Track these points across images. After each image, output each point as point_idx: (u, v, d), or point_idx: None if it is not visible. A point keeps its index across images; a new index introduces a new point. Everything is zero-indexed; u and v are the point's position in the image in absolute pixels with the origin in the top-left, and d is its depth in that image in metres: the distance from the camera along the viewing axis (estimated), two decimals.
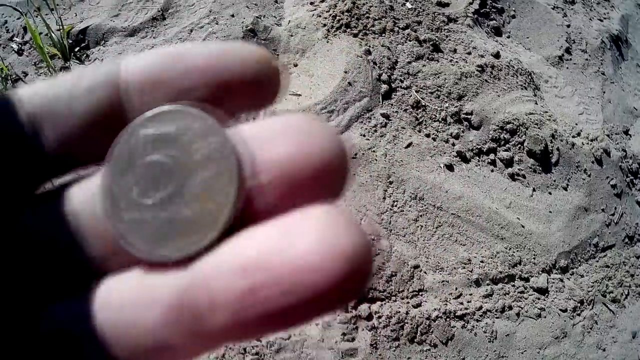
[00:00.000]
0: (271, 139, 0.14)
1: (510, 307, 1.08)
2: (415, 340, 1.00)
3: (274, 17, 1.34)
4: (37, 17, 1.36)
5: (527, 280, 1.12)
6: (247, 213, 0.13)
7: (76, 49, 1.33)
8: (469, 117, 1.22)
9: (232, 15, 1.31)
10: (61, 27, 1.30)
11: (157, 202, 0.14)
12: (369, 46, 1.24)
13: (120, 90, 0.15)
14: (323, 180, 0.13)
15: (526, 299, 1.11)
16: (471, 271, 1.09)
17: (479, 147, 1.21)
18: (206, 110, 0.14)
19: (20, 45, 1.37)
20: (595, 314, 1.16)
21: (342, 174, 0.14)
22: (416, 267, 1.05)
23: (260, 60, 0.14)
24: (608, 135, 1.36)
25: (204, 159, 0.14)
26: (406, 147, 1.17)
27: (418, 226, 1.10)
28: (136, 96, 0.15)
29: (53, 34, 1.27)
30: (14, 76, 1.28)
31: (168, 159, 0.14)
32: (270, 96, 0.15)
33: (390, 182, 1.12)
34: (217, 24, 1.30)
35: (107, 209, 0.14)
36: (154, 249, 0.13)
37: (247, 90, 0.14)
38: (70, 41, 1.33)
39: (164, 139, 0.14)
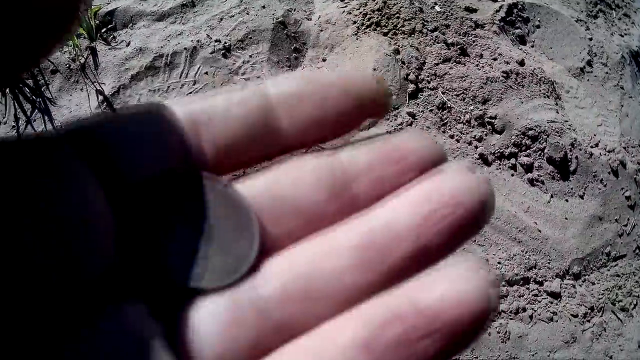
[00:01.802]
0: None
1: (524, 310, 1.10)
2: None
3: (304, 11, 1.35)
4: None
5: (541, 284, 1.14)
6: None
7: (103, 30, 1.33)
8: (493, 121, 1.24)
9: (263, 7, 1.32)
10: (88, 7, 1.30)
11: (191, 249, 0.15)
12: (398, 46, 1.25)
13: (269, 103, 0.16)
14: None
15: (539, 302, 1.12)
16: (488, 272, 1.10)
17: (500, 151, 1.23)
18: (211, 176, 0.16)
19: None
20: (605, 322, 1.18)
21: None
22: None
23: (379, 81, 0.17)
24: (625, 148, 1.39)
25: (224, 221, 0.15)
26: None
27: None
28: (284, 110, 0.16)
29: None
30: None
31: (194, 224, 0.15)
32: (381, 112, 0.17)
33: None
34: (247, 14, 1.31)
35: (157, 253, 0.15)
36: (192, 282, 0.15)
37: (366, 107, 0.17)
38: (97, 22, 1.33)
39: (193, 208, 0.16)
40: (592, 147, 1.33)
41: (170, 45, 1.28)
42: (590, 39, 1.50)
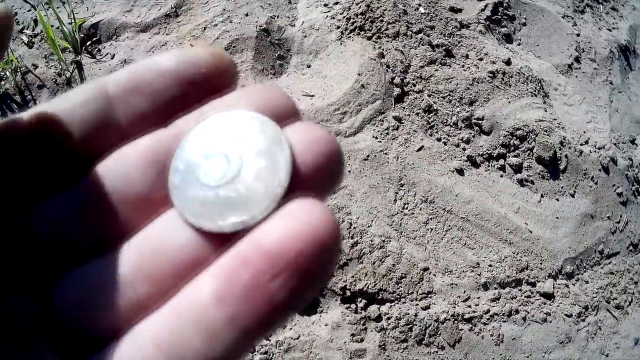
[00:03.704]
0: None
1: (517, 311, 1.09)
2: (423, 342, 1.00)
3: (288, 17, 1.35)
4: (48, 9, 1.35)
5: (533, 285, 1.13)
6: (289, 193, 0.16)
7: (87, 43, 1.33)
8: (480, 122, 1.23)
9: (246, 15, 1.31)
10: (73, 21, 1.30)
11: (219, 184, 0.16)
12: (383, 49, 1.25)
13: (108, 100, 0.18)
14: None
15: (532, 303, 1.12)
16: (479, 275, 1.10)
17: (489, 152, 1.22)
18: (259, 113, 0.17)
19: (30, 38, 1.36)
20: (599, 320, 1.17)
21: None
22: (425, 269, 1.06)
23: (213, 55, 0.18)
24: (615, 144, 1.38)
25: (262, 151, 0.16)
26: (417, 151, 1.18)
27: (428, 229, 1.11)
28: (122, 102, 0.18)
29: (64, 27, 1.27)
30: (23, 68, 1.27)
31: (231, 149, 0.16)
32: (228, 83, 0.18)
33: (402, 185, 1.13)
34: (230, 22, 1.30)
35: (174, 186, 0.16)
36: (212, 222, 0.16)
37: (208, 82, 0.18)
38: (82, 35, 1.32)
39: (229, 134, 0.17)
40: (581, 144, 1.32)
41: None
42: (578, 35, 1.49)
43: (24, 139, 0.17)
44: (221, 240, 0.15)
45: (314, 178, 0.16)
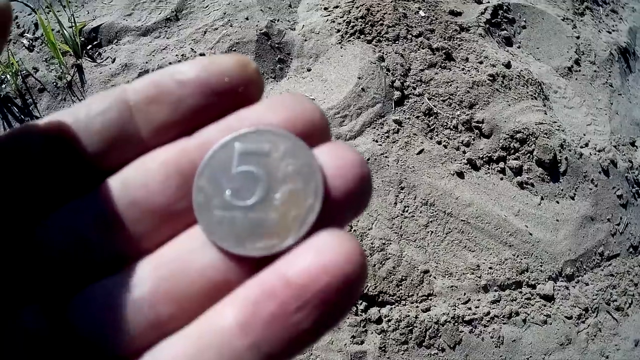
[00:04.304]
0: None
1: (517, 313, 1.10)
2: (423, 344, 1.01)
3: (288, 21, 1.35)
4: (48, 13, 1.36)
5: (533, 287, 1.14)
6: (323, 221, 0.15)
7: (88, 47, 1.33)
8: (480, 125, 1.23)
9: (247, 19, 1.32)
10: (73, 25, 1.30)
11: (247, 205, 0.15)
12: (383, 53, 1.25)
13: (128, 109, 0.17)
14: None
15: (532, 305, 1.12)
16: (479, 277, 1.10)
17: (489, 155, 1.22)
18: (294, 132, 0.16)
19: (30, 42, 1.36)
20: (600, 322, 1.17)
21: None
22: (426, 272, 1.06)
23: (238, 64, 0.17)
24: (615, 146, 1.38)
25: (292, 173, 0.16)
26: (418, 154, 1.18)
27: (428, 232, 1.11)
28: (143, 112, 0.17)
29: (65, 31, 1.27)
30: (24, 72, 1.28)
31: (260, 170, 0.16)
32: (253, 94, 0.17)
33: (402, 188, 1.14)
34: (231, 26, 1.31)
35: (199, 205, 0.16)
36: (239, 245, 0.15)
37: (233, 92, 0.17)
38: (83, 39, 1.33)
39: (257, 152, 0.16)
40: (581, 147, 1.32)
41: (155, 61, 1.28)
42: (578, 38, 1.49)
43: (41, 147, 0.17)
44: (247, 264, 0.15)
45: (345, 203, 0.15)
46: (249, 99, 0.17)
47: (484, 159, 1.21)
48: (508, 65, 1.31)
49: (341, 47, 1.27)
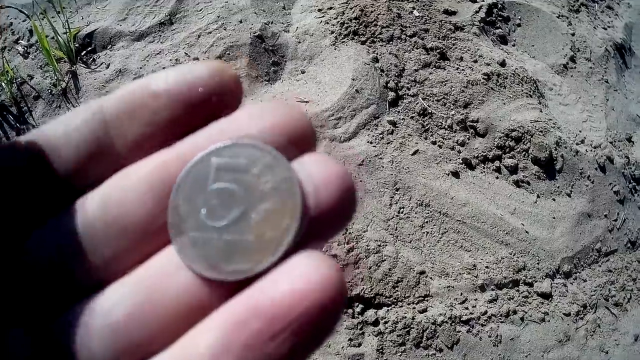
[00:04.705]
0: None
1: (515, 312, 1.10)
2: (421, 345, 1.01)
3: (282, 23, 1.35)
4: (43, 19, 1.36)
5: (531, 285, 1.14)
6: (302, 241, 0.15)
7: (82, 53, 1.33)
8: (475, 124, 1.23)
9: (241, 21, 1.32)
10: (68, 30, 1.30)
11: (223, 225, 0.15)
12: (377, 53, 1.25)
13: (104, 123, 0.17)
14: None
15: (530, 303, 1.12)
16: (476, 277, 1.10)
17: (484, 154, 1.22)
18: (273, 145, 0.15)
19: (25, 48, 1.37)
20: (598, 318, 1.17)
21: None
22: (422, 272, 1.07)
23: (213, 72, 0.16)
24: (611, 143, 1.38)
25: (270, 190, 0.15)
26: (412, 154, 1.18)
27: (424, 232, 1.11)
28: (118, 126, 0.17)
29: (59, 37, 1.27)
30: (19, 79, 1.28)
31: (237, 187, 0.15)
32: (231, 103, 0.17)
33: (397, 189, 1.14)
34: (225, 29, 1.31)
35: (173, 225, 0.15)
36: (212, 268, 0.15)
37: (208, 102, 0.16)
38: (77, 45, 1.33)
39: (234, 168, 0.15)
40: (577, 144, 1.32)
41: (150, 66, 1.28)
42: (573, 34, 1.48)
43: (25, 165, 0.16)
44: (222, 288, 0.15)
45: (326, 218, 0.15)
46: (226, 107, 0.16)
47: (479, 158, 1.21)
48: (503, 64, 1.31)
49: (335, 49, 1.27)
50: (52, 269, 0.16)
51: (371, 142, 1.16)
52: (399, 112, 1.21)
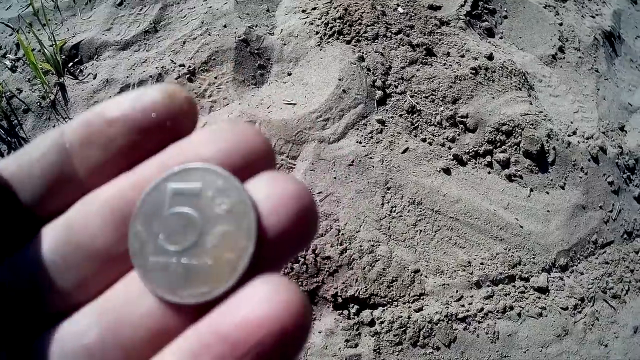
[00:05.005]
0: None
1: (512, 308, 1.09)
2: (418, 343, 1.00)
3: (267, 26, 1.34)
4: (29, 32, 1.36)
5: (527, 280, 1.13)
6: (259, 263, 0.15)
7: (69, 64, 1.33)
8: (464, 120, 1.22)
9: (225, 26, 1.31)
10: (54, 43, 1.30)
11: (180, 249, 0.15)
12: (362, 52, 1.24)
13: (67, 151, 0.17)
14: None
15: (527, 298, 1.11)
16: (471, 273, 1.09)
17: (475, 149, 1.21)
18: (227, 169, 0.16)
19: (13, 62, 1.37)
20: (597, 311, 1.16)
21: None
22: (416, 271, 1.06)
23: (165, 96, 0.17)
24: (604, 133, 1.37)
25: (225, 213, 0.15)
26: (403, 153, 1.17)
27: (417, 231, 1.11)
28: (79, 154, 0.17)
29: (46, 50, 1.27)
30: (8, 93, 1.28)
31: (193, 211, 0.15)
32: (185, 126, 0.17)
33: (388, 188, 1.13)
34: (209, 35, 1.30)
35: (134, 251, 0.16)
36: (173, 292, 0.15)
37: (164, 125, 0.17)
38: (64, 56, 1.33)
39: (189, 193, 0.16)
40: (569, 135, 1.31)
41: (136, 74, 1.28)
42: (561, 24, 1.47)
43: None
44: (185, 312, 0.15)
45: (283, 240, 0.15)
46: (181, 130, 0.17)
47: (470, 154, 1.21)
48: (490, 57, 1.30)
49: (321, 49, 1.26)
50: (25, 296, 0.16)
51: (360, 142, 1.15)
52: (387, 110, 1.20)
